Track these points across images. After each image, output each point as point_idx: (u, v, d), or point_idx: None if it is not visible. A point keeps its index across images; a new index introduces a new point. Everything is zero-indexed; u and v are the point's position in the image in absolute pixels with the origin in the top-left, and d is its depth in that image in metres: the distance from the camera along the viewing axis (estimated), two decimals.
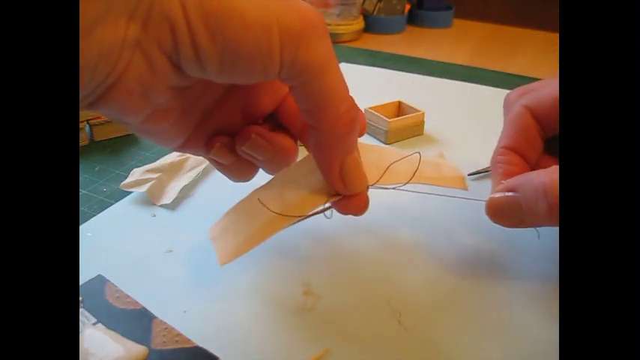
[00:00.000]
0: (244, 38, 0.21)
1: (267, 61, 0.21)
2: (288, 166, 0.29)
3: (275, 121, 0.28)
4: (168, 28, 0.20)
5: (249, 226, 0.29)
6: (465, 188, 0.34)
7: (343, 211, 0.28)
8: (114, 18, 0.19)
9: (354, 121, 0.24)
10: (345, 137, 0.24)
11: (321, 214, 0.31)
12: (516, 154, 0.33)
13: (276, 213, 0.28)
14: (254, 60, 0.21)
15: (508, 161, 0.32)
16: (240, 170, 0.28)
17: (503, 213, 0.29)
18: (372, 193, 0.29)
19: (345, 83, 0.24)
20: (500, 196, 0.29)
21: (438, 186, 0.32)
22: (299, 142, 0.29)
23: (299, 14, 0.21)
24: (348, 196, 0.27)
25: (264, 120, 0.28)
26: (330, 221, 0.27)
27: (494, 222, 0.30)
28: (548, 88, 0.33)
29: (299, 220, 0.28)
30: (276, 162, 0.27)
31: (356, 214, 0.28)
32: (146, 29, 0.20)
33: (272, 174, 0.30)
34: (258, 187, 0.30)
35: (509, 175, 0.31)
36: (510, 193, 0.29)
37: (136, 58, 0.21)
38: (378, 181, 0.29)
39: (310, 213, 0.29)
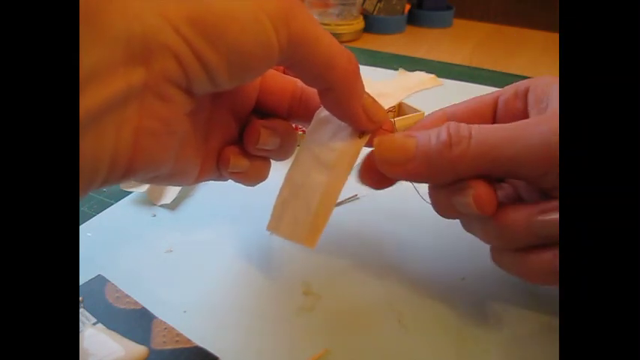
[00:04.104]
0: (243, 37, 0.21)
1: (268, 49, 0.22)
2: (294, 146, 0.29)
3: (259, 113, 0.29)
4: (173, 58, 0.20)
5: (311, 202, 0.28)
6: (440, 84, 0.35)
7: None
8: (105, 72, 0.18)
9: (357, 67, 0.26)
10: (356, 82, 0.26)
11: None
12: None
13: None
14: (257, 54, 0.22)
15: None
16: (256, 171, 0.29)
17: None
18: (371, 193, 0.29)
19: (335, 40, 0.25)
20: None
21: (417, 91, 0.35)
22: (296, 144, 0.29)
23: None
24: (377, 130, 0.28)
25: (249, 116, 0.29)
26: (330, 222, 0.27)
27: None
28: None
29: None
30: (285, 144, 0.28)
31: None
32: (150, 68, 0.20)
33: (283, 159, 0.30)
34: (287, 171, 0.29)
35: None
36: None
37: (148, 100, 0.20)
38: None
39: (339, 200, 0.29)
